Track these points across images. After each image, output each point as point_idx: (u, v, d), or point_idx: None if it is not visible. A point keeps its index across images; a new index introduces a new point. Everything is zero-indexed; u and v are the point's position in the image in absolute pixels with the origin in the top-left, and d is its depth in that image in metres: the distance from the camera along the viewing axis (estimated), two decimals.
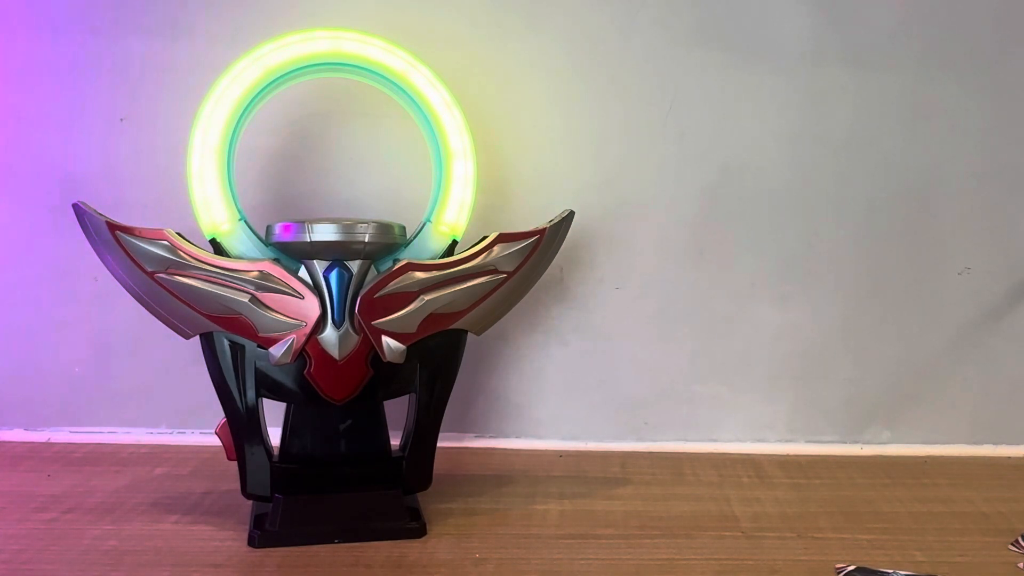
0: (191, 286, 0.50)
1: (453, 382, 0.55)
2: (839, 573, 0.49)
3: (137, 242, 0.50)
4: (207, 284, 0.50)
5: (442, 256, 0.55)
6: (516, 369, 0.70)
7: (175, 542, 0.51)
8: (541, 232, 0.55)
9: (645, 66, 0.65)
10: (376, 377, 0.53)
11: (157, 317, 0.51)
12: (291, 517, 0.52)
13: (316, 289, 0.51)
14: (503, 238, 0.54)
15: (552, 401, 0.70)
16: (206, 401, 0.53)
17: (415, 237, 0.55)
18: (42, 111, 0.64)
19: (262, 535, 0.51)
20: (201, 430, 0.66)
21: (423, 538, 0.53)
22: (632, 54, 0.65)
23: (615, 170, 0.67)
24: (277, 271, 0.51)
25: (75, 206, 0.50)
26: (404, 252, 0.54)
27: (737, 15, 0.65)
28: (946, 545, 0.54)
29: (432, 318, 0.53)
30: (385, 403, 0.55)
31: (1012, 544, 0.54)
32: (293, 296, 0.51)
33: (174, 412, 0.67)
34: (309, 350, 0.51)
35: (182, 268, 0.50)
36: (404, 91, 0.56)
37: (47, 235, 0.66)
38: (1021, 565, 0.51)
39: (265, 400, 0.54)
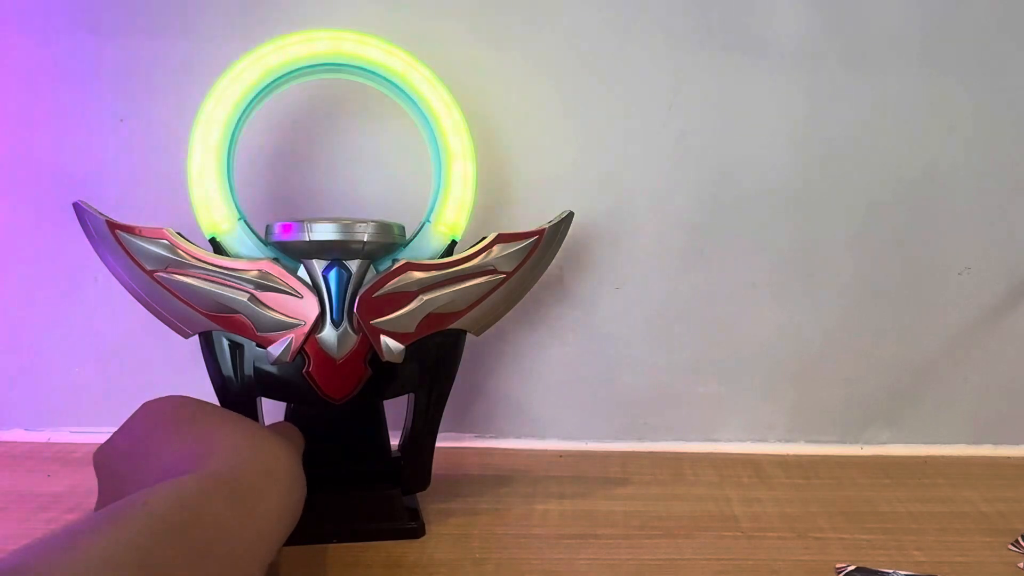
0: (191, 285, 0.50)
1: (452, 382, 0.55)
2: (839, 573, 0.49)
3: (137, 241, 0.50)
4: (207, 283, 0.50)
5: (441, 256, 0.55)
6: (516, 369, 0.70)
7: None
8: (540, 232, 0.55)
9: (645, 66, 0.65)
10: (375, 377, 0.52)
11: (157, 316, 0.51)
12: None
13: (315, 288, 0.51)
14: (502, 238, 0.54)
15: (552, 401, 0.70)
16: (205, 400, 0.53)
17: (414, 237, 0.55)
18: (42, 111, 0.64)
19: None
20: None
21: (423, 538, 0.53)
22: (632, 54, 0.65)
23: (615, 170, 0.67)
24: (276, 270, 0.51)
25: (75, 205, 0.50)
26: (403, 252, 0.54)
27: (737, 15, 0.65)
28: (946, 545, 0.54)
29: (431, 318, 0.53)
30: (384, 403, 0.55)
31: (1012, 544, 0.54)
32: (292, 295, 0.51)
33: None
34: (308, 349, 0.51)
35: (182, 267, 0.50)
36: (404, 91, 0.56)
37: (47, 235, 0.66)
38: (1021, 565, 0.51)
39: (265, 400, 0.54)
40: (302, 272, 0.52)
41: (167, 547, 0.32)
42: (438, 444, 0.56)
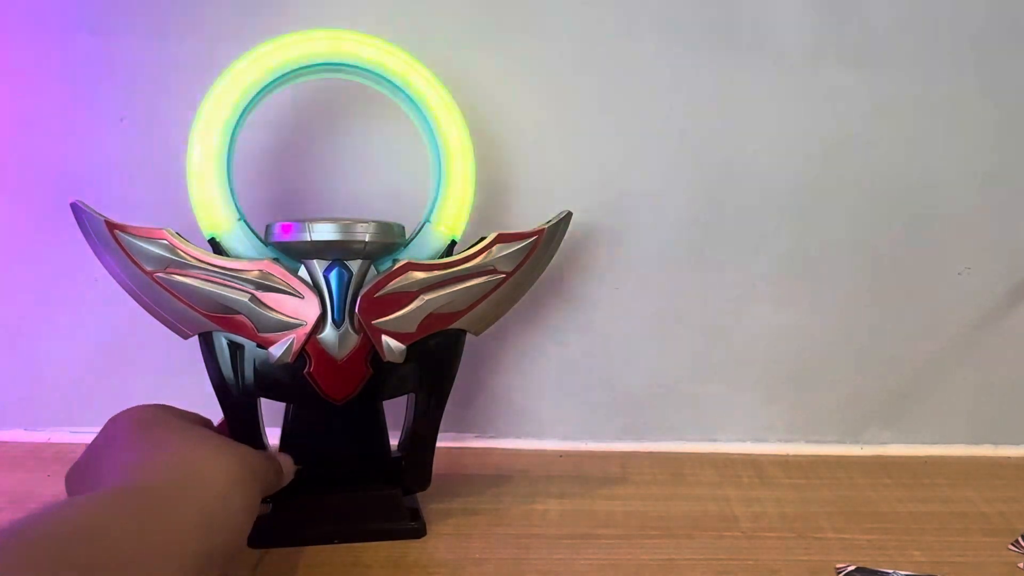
0: (190, 285, 0.50)
1: (452, 382, 0.55)
2: (839, 573, 0.49)
3: (136, 241, 0.50)
4: (206, 284, 0.50)
5: (441, 256, 0.55)
6: (516, 369, 0.70)
7: None
8: (540, 232, 0.55)
9: (645, 66, 0.65)
10: (376, 377, 0.52)
11: (156, 317, 0.51)
12: (290, 517, 0.53)
13: (316, 289, 0.51)
14: (502, 238, 0.54)
15: (552, 401, 0.70)
16: (205, 401, 0.53)
17: (415, 237, 0.55)
18: (42, 111, 0.64)
19: (260, 535, 0.51)
20: None
21: (423, 538, 0.53)
22: (632, 54, 0.65)
23: (615, 170, 0.67)
24: (277, 270, 0.51)
25: (73, 205, 0.50)
26: (404, 252, 0.54)
27: (737, 15, 0.65)
28: (946, 545, 0.54)
29: (431, 318, 0.53)
30: (384, 403, 0.55)
31: (1012, 544, 0.54)
32: (293, 296, 0.51)
33: None
34: (309, 350, 0.51)
35: (181, 267, 0.50)
36: (404, 91, 0.56)
37: (47, 235, 0.66)
38: (1021, 565, 0.51)
39: (264, 400, 0.54)
40: (303, 272, 0.52)
41: (50, 573, 0.31)
42: (438, 444, 0.56)
